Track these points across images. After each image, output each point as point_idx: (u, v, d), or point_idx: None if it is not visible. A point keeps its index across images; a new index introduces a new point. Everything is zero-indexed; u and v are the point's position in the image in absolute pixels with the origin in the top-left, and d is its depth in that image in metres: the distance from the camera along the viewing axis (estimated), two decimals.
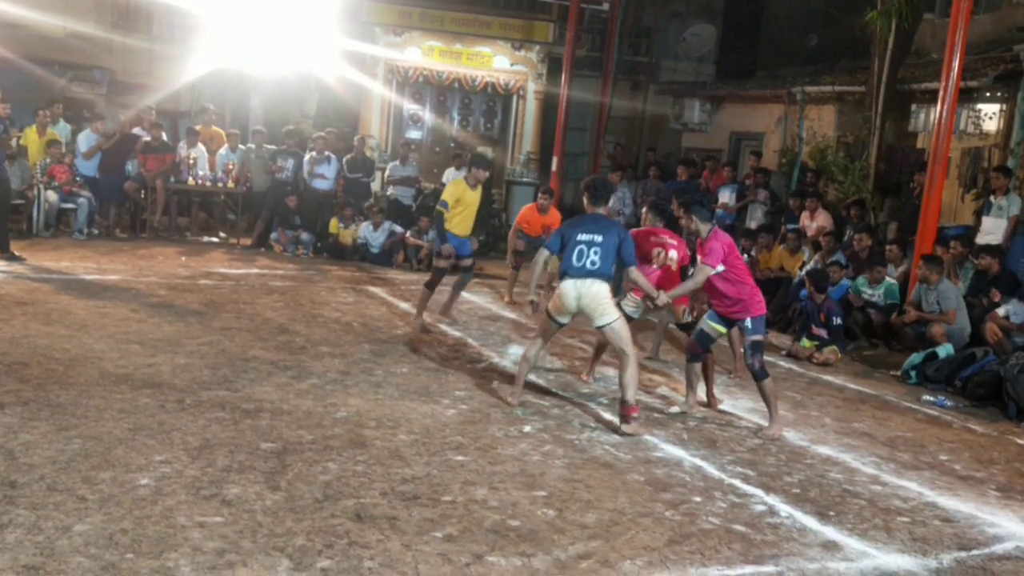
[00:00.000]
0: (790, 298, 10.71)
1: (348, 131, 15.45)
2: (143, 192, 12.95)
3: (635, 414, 5.98)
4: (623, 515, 4.57)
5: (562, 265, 6.12)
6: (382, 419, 5.71)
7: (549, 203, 10.73)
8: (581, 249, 6.03)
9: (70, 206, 12.37)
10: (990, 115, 12.04)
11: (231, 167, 13.30)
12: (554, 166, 14.80)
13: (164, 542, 3.76)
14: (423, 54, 15.76)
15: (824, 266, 10.25)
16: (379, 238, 12.78)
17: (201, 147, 13.42)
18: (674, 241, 7.15)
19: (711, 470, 5.41)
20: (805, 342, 9.17)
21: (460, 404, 6.25)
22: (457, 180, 8.67)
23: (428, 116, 16.45)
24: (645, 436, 5.91)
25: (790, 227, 11.98)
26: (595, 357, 7.33)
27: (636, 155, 18.26)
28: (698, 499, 4.90)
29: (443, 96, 16.45)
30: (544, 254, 6.29)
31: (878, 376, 8.70)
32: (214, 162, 13.47)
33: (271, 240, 13.07)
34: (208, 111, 14.21)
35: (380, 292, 10.49)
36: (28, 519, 3.84)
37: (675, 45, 19.29)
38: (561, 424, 6.02)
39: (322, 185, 13.36)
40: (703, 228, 6.33)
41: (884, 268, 9.84)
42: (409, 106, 16.25)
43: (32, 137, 12.55)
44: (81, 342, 6.81)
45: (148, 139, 13.02)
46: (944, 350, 8.51)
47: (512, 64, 16.10)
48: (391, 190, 14.13)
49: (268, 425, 5.36)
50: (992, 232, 10.34)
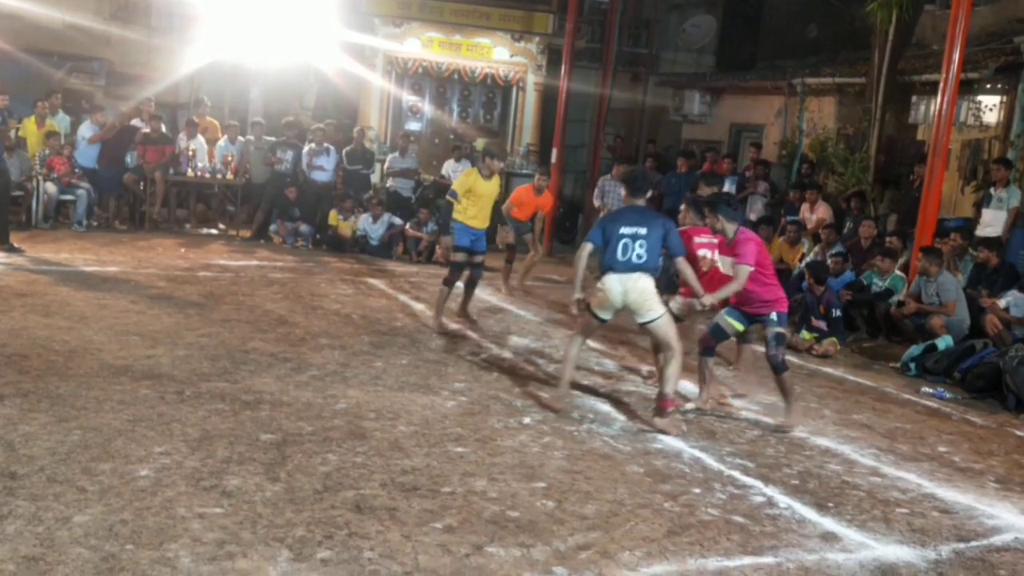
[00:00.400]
0: (790, 290, 10.70)
1: (347, 123, 15.43)
2: (142, 184, 12.94)
3: (671, 408, 5.87)
4: (622, 506, 4.58)
5: (605, 260, 5.90)
6: (382, 411, 5.72)
7: (546, 185, 10.67)
8: (625, 243, 5.81)
9: (69, 198, 12.35)
10: (990, 107, 12.03)
11: (230, 159, 13.28)
12: (554, 158, 14.78)
13: (164, 533, 3.77)
14: (422, 45, 15.73)
15: (824, 258, 10.25)
16: (378, 230, 12.78)
17: (200, 139, 13.40)
18: (715, 240, 6.79)
19: (710, 461, 5.42)
20: (804, 334, 9.18)
21: (460, 396, 6.25)
22: (469, 171, 8.42)
23: (427, 108, 16.42)
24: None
25: (790, 219, 11.97)
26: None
27: (636, 147, 18.23)
28: (697, 490, 4.91)
29: (442, 87, 16.43)
30: (587, 248, 5.99)
31: (877, 368, 8.71)
32: (212, 153, 13.45)
33: (270, 232, 13.06)
34: (202, 102, 14.17)
35: (379, 284, 10.49)
36: (28, 510, 3.84)
37: (675, 36, 19.25)
38: (560, 416, 6.02)
39: (321, 177, 13.34)
40: (729, 228, 6.21)
41: (893, 260, 9.80)
42: (408, 98, 16.21)
43: (31, 128, 12.53)
44: (80, 334, 6.81)
45: (147, 131, 13.00)
46: (943, 342, 8.51)
47: (512, 55, 16.07)
48: (390, 182, 14.11)
49: (268, 416, 5.37)
50: (992, 224, 10.35)
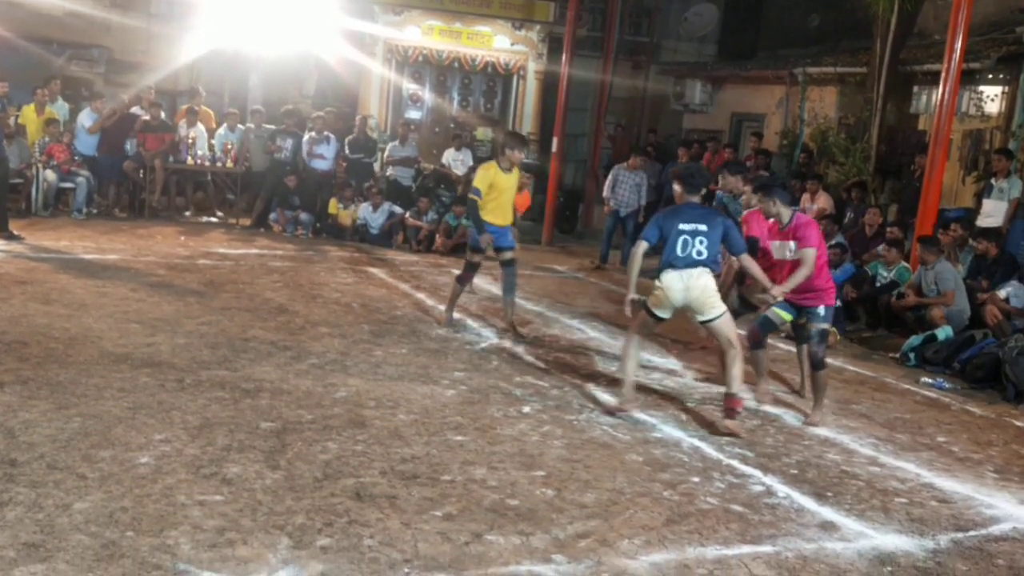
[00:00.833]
0: None
1: (347, 111, 15.40)
2: (142, 172, 12.92)
3: (740, 408, 5.78)
4: (621, 495, 4.59)
5: (664, 257, 5.73)
6: (381, 399, 5.72)
7: (528, 185, 10.48)
8: (685, 239, 5.68)
9: (69, 185, 12.33)
10: (992, 97, 12.01)
11: (230, 147, 13.26)
12: (554, 147, 14.75)
13: (164, 520, 3.77)
14: (423, 33, 15.68)
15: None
16: (378, 219, 12.76)
17: (200, 127, 13.37)
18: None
19: (709, 451, 5.43)
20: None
21: (459, 385, 6.26)
22: (488, 164, 7.85)
23: (428, 96, 16.38)
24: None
25: None
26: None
27: (637, 136, 18.21)
28: (696, 479, 4.92)
29: (443, 76, 16.38)
30: (643, 246, 5.82)
31: (877, 358, 8.71)
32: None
33: (270, 220, 13.03)
34: (197, 91, 14.12)
35: (379, 273, 10.49)
36: (28, 497, 3.85)
37: (676, 25, 19.20)
38: (560, 405, 6.03)
39: (321, 165, 13.31)
40: (785, 212, 6.16)
41: (899, 250, 9.77)
42: (408, 86, 16.16)
43: (30, 116, 12.49)
44: (80, 321, 6.80)
45: (147, 118, 12.97)
46: (943, 332, 8.51)
47: (512, 44, 16.01)
48: (390, 171, 14.07)
49: (268, 405, 5.37)
50: (993, 215, 10.34)
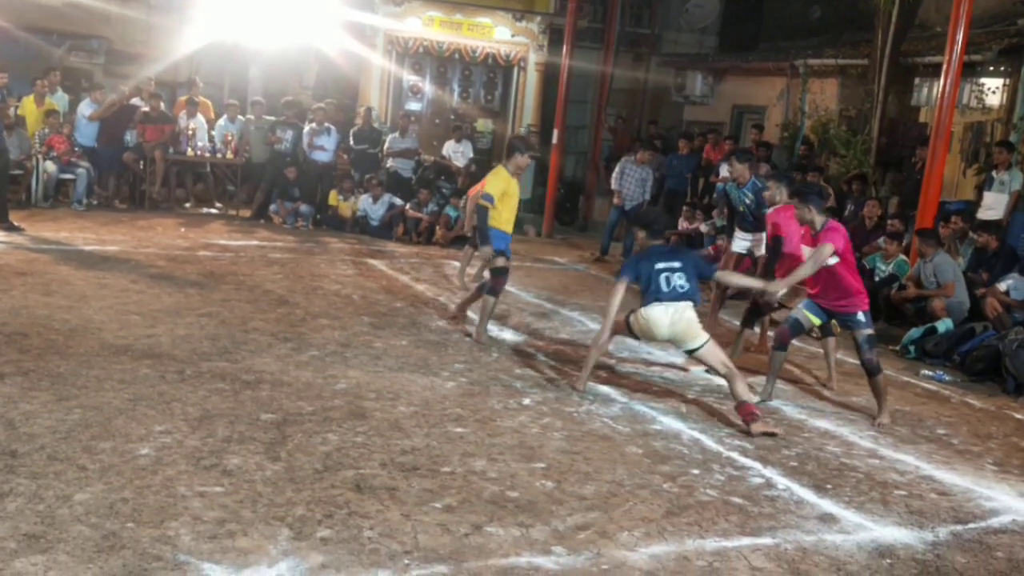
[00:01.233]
0: None
1: (347, 102, 15.37)
2: (142, 163, 12.91)
3: (757, 411, 5.78)
4: (621, 487, 4.59)
5: (649, 294, 5.93)
6: (382, 391, 5.73)
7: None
8: (666, 275, 5.93)
9: (69, 176, 12.32)
10: (993, 89, 11.98)
11: (230, 138, 13.24)
12: (555, 138, 14.73)
13: (164, 511, 3.78)
14: (423, 24, 15.62)
15: None
16: (379, 211, 12.75)
17: (200, 118, 13.35)
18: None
19: (709, 443, 5.44)
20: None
21: (459, 377, 6.26)
22: (499, 170, 7.45)
23: (428, 87, 16.33)
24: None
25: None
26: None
27: (637, 128, 18.18)
28: (696, 471, 4.93)
29: (443, 67, 16.33)
30: (622, 284, 6.06)
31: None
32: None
33: (270, 212, 13.03)
34: (195, 82, 14.09)
35: (380, 265, 10.48)
36: (29, 488, 3.86)
37: (678, 16, 19.12)
38: (560, 397, 6.04)
39: (321, 157, 13.29)
40: (819, 219, 6.15)
41: (899, 243, 9.78)
42: (409, 77, 16.12)
43: (30, 107, 12.47)
44: (81, 312, 6.81)
45: (147, 109, 12.95)
46: (943, 325, 8.51)
47: (513, 35, 15.96)
48: (390, 162, 14.05)
49: (268, 396, 5.38)
50: (993, 207, 10.32)
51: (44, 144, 12.11)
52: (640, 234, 6.28)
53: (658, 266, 5.98)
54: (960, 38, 9.05)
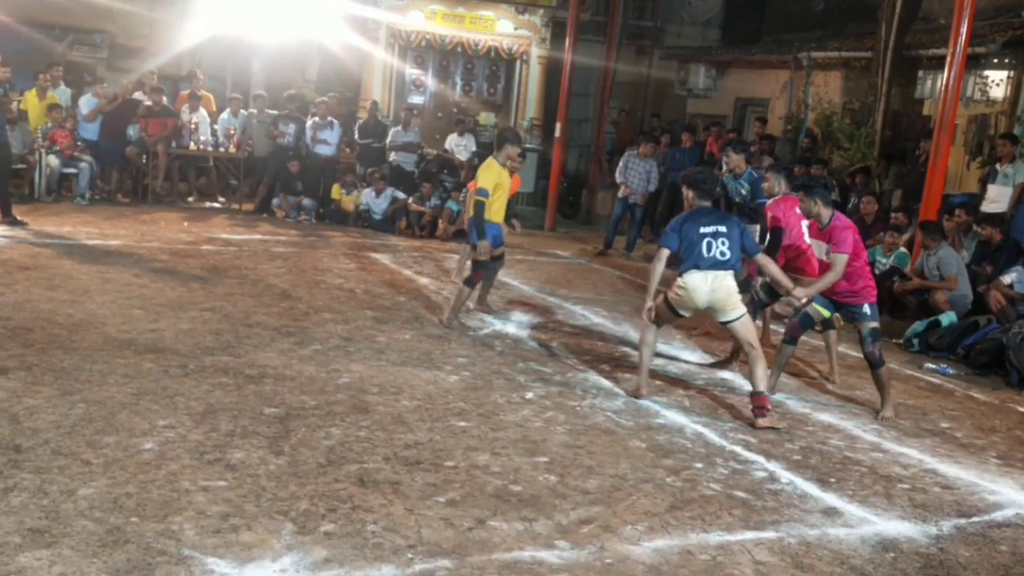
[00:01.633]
0: None
1: (350, 96, 15.36)
2: (145, 157, 12.91)
3: (769, 404, 5.76)
4: (624, 481, 4.59)
5: (689, 260, 5.76)
6: (385, 385, 5.73)
7: (521, 166, 10.23)
8: (709, 241, 5.74)
9: (72, 171, 12.32)
10: (997, 82, 11.94)
11: (233, 132, 13.23)
12: (557, 132, 14.71)
13: (168, 506, 3.79)
14: (426, 18, 15.61)
15: None
16: (381, 204, 12.74)
17: (203, 112, 13.35)
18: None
19: (712, 437, 5.43)
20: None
21: (462, 371, 6.26)
22: (490, 163, 7.55)
23: (430, 81, 16.32)
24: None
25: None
26: (734, 353, 6.98)
27: (640, 121, 18.15)
28: (699, 465, 4.93)
29: (446, 61, 16.32)
30: (664, 253, 5.84)
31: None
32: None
33: (273, 206, 13.03)
34: (196, 75, 14.08)
35: (383, 259, 10.48)
36: (33, 483, 3.86)
37: (680, 9, 19.07)
38: (563, 391, 6.03)
39: (324, 151, 13.27)
40: (825, 213, 6.11)
41: (899, 235, 9.77)
42: (411, 71, 16.11)
43: (32, 101, 12.48)
44: (84, 307, 6.81)
45: (149, 103, 12.95)
46: (947, 318, 8.50)
47: (516, 28, 15.94)
48: (393, 156, 14.05)
49: (271, 390, 5.38)
50: (997, 200, 10.28)
51: (47, 138, 12.11)
52: (689, 194, 6.04)
53: (703, 230, 5.77)
54: (964, 30, 9.01)
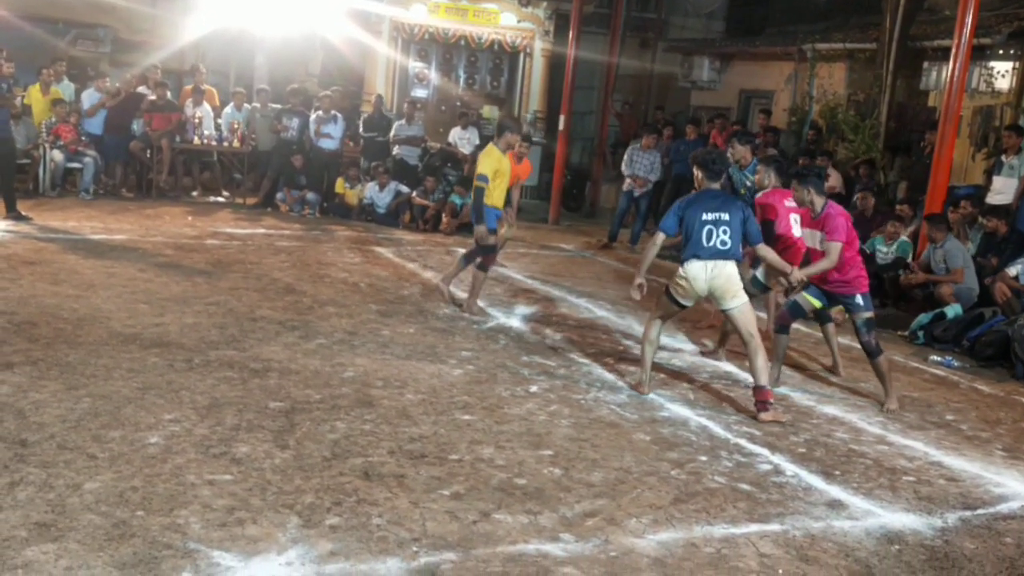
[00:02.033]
0: None
1: (353, 90, 15.34)
2: (149, 151, 12.92)
3: (771, 398, 5.73)
4: (629, 474, 4.60)
5: (689, 248, 5.72)
6: (389, 379, 5.73)
7: (527, 151, 10.26)
8: (709, 229, 5.65)
9: (76, 166, 12.32)
10: (1003, 73, 11.89)
11: (236, 126, 13.23)
12: (561, 125, 14.68)
13: (174, 500, 3.80)
14: (429, 11, 15.57)
15: None
16: (385, 198, 12.74)
17: (207, 106, 13.34)
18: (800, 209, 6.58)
19: (717, 429, 5.43)
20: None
21: (467, 364, 6.26)
22: (490, 149, 7.68)
23: (434, 75, 16.29)
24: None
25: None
26: (721, 341, 7.05)
27: (644, 114, 18.11)
28: (704, 458, 4.93)
29: (449, 54, 16.29)
30: (660, 237, 5.83)
31: (885, 336, 8.65)
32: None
33: (277, 200, 13.03)
34: (199, 69, 14.06)
35: (386, 253, 10.48)
36: (39, 477, 3.88)
37: (684, 1, 19.03)
38: (567, 384, 6.04)
39: (328, 145, 13.25)
40: (818, 201, 6.08)
41: (900, 224, 9.75)
42: (414, 64, 16.08)
43: (36, 96, 12.47)
44: (89, 302, 6.82)
45: (153, 98, 12.95)
46: (952, 310, 8.49)
47: (519, 21, 15.91)
48: (396, 150, 14.03)
49: (276, 384, 5.39)
50: (1002, 192, 10.25)
51: (51, 133, 12.12)
52: (698, 174, 5.98)
53: (704, 217, 5.70)
54: (969, 21, 8.97)
